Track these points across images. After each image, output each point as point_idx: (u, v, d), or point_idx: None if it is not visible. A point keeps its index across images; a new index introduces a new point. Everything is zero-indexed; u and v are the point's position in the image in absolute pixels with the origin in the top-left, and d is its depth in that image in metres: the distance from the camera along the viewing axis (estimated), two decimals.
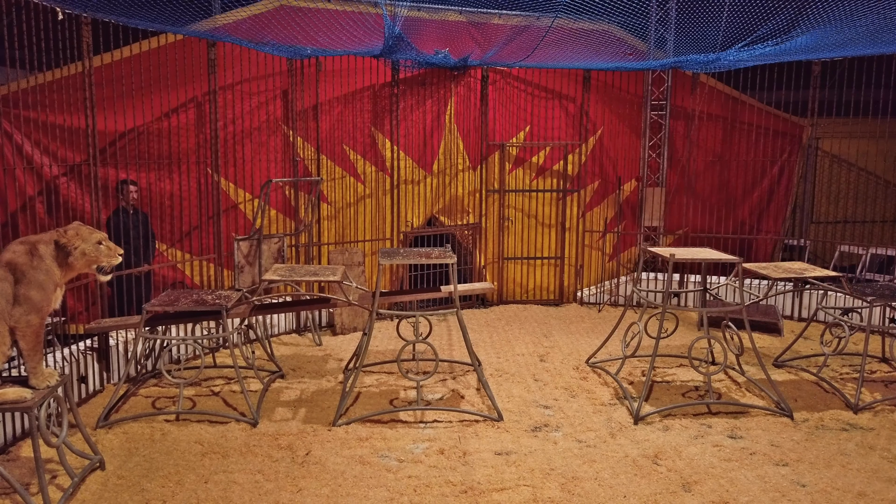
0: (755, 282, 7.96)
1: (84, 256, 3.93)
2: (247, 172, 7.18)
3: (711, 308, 6.37)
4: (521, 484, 4.13)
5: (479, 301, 8.83)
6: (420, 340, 5.18)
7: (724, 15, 6.32)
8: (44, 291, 3.75)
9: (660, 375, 6.11)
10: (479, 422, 5.07)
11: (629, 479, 4.21)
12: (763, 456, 4.53)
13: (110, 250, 4.07)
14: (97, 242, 3.98)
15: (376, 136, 7.97)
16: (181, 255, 6.94)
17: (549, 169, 8.88)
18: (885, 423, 5.10)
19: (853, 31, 6.07)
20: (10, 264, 3.71)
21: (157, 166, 6.65)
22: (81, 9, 5.47)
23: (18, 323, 3.67)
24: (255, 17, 6.82)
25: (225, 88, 6.89)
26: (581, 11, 6.39)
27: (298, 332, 7.59)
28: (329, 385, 5.86)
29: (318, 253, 7.71)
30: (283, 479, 4.16)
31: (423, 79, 8.12)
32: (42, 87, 5.68)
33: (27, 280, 3.71)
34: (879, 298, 5.56)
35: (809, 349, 6.78)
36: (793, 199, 9.24)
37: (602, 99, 8.94)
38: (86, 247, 3.95)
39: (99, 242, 4.00)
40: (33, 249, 3.79)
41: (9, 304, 3.66)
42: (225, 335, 5.13)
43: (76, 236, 3.92)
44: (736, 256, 5.71)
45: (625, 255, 9.44)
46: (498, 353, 6.80)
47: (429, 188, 8.38)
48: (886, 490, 4.08)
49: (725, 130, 9.13)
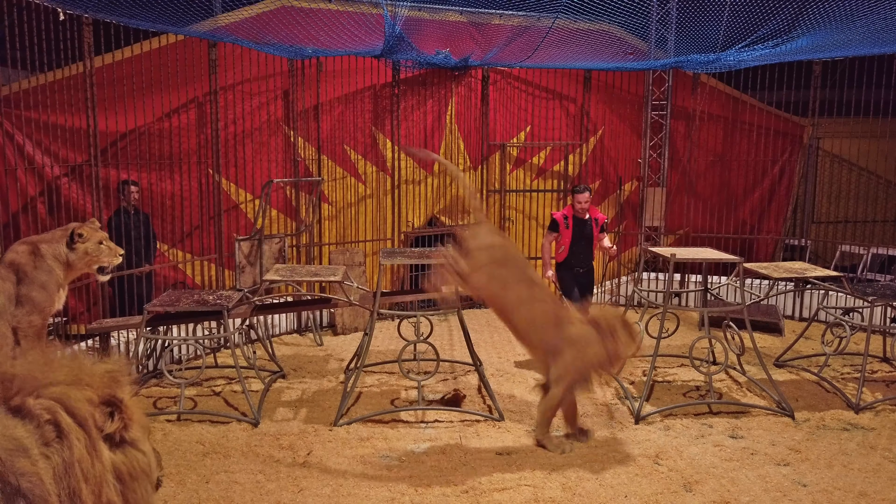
0: (756, 282, 7.96)
1: (86, 255, 3.94)
2: (248, 173, 7.18)
3: (712, 308, 6.37)
4: (522, 484, 4.13)
5: (480, 301, 8.83)
6: (421, 340, 5.18)
7: (725, 15, 6.32)
8: (46, 292, 3.76)
9: (661, 375, 6.12)
10: (480, 422, 5.07)
11: (630, 479, 4.21)
12: (764, 456, 4.53)
13: (111, 250, 4.09)
14: (98, 242, 4.00)
15: (377, 136, 7.98)
16: (182, 255, 6.95)
17: (550, 169, 8.88)
18: (887, 422, 5.10)
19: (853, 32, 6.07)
20: (13, 265, 3.72)
21: (159, 167, 6.65)
22: (83, 9, 5.47)
23: (21, 323, 3.68)
24: (256, 18, 6.83)
25: (226, 89, 6.89)
26: (581, 12, 6.39)
27: (299, 332, 7.59)
28: (330, 385, 5.87)
29: (319, 253, 7.71)
30: (284, 479, 4.16)
31: (424, 79, 8.12)
32: (43, 87, 5.69)
33: (29, 280, 3.72)
34: (880, 298, 5.56)
35: (810, 349, 6.78)
36: (793, 199, 9.24)
37: (603, 99, 8.94)
38: (88, 245, 3.96)
39: (100, 242, 4.01)
40: (35, 250, 3.80)
41: (11, 304, 3.67)
42: (226, 335, 5.13)
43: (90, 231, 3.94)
44: (737, 256, 5.71)
45: (625, 255, 9.43)
46: (499, 354, 6.81)
47: (429, 188, 8.39)
48: (888, 490, 4.08)
49: (726, 130, 9.12)
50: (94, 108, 5.88)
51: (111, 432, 1.64)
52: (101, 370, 1.72)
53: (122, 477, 1.64)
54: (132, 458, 1.68)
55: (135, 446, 1.70)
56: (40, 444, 1.46)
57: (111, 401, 1.67)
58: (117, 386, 1.73)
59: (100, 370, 1.72)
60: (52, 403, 1.51)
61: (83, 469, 1.51)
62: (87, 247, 3.94)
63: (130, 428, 1.70)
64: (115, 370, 1.76)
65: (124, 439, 1.68)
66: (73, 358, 1.73)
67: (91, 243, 3.97)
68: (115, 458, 1.64)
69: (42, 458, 1.45)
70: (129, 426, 1.70)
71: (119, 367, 1.79)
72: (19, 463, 1.39)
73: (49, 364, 1.64)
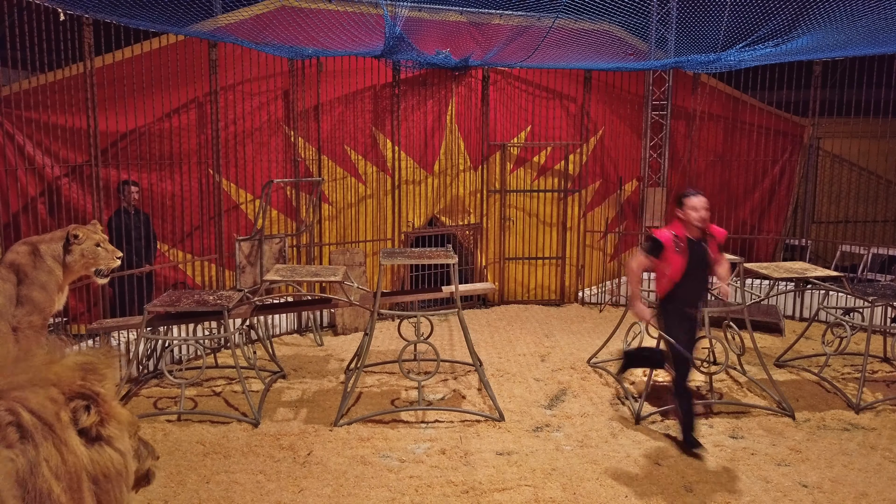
0: (756, 282, 7.95)
1: (82, 257, 3.94)
2: (248, 173, 7.18)
3: (713, 308, 6.37)
4: (522, 484, 4.13)
5: (481, 301, 8.83)
6: (421, 341, 5.18)
7: (725, 15, 6.32)
8: (46, 292, 3.76)
9: (661, 375, 6.11)
10: (480, 422, 5.07)
11: (630, 480, 4.21)
12: (764, 456, 4.53)
13: (108, 253, 4.08)
14: (95, 244, 3.99)
15: (377, 136, 7.98)
16: (182, 255, 6.95)
17: (550, 169, 8.88)
18: (887, 422, 5.09)
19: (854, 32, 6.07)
20: (14, 265, 3.72)
21: (159, 167, 6.65)
22: (83, 10, 5.47)
23: (21, 323, 3.69)
24: (257, 18, 6.83)
25: (226, 89, 6.89)
26: (582, 11, 6.39)
27: (300, 332, 7.59)
28: (330, 385, 5.87)
29: (320, 253, 7.71)
30: (284, 480, 4.16)
31: (424, 79, 8.12)
32: (44, 87, 5.69)
33: (30, 280, 3.72)
34: (881, 298, 5.56)
35: (811, 349, 6.78)
36: (794, 199, 9.23)
37: (603, 99, 8.94)
38: (84, 247, 3.95)
39: (97, 244, 4.00)
40: (35, 250, 3.80)
41: (11, 304, 3.67)
42: (226, 335, 5.14)
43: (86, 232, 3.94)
44: (737, 256, 5.71)
45: (626, 255, 9.43)
46: (499, 354, 6.81)
47: (430, 188, 8.39)
48: (888, 490, 4.08)
49: (726, 130, 9.12)
50: (94, 108, 5.88)
51: (86, 426, 1.56)
52: (73, 363, 1.62)
53: (95, 476, 1.56)
54: (106, 456, 1.60)
55: (110, 444, 1.61)
56: (2, 447, 1.39)
57: (86, 394, 1.58)
58: (95, 378, 1.63)
59: (70, 363, 1.62)
60: (14, 404, 1.44)
61: (52, 467, 1.45)
62: (83, 249, 3.93)
63: (107, 423, 1.62)
64: (92, 362, 1.66)
65: (100, 435, 1.60)
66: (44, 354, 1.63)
67: (87, 245, 3.95)
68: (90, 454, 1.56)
69: (3, 462, 1.38)
70: (105, 421, 1.61)
71: (97, 359, 1.69)
72: None
73: (11, 365, 1.56)
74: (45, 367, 1.58)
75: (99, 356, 1.70)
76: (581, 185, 8.87)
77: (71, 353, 1.67)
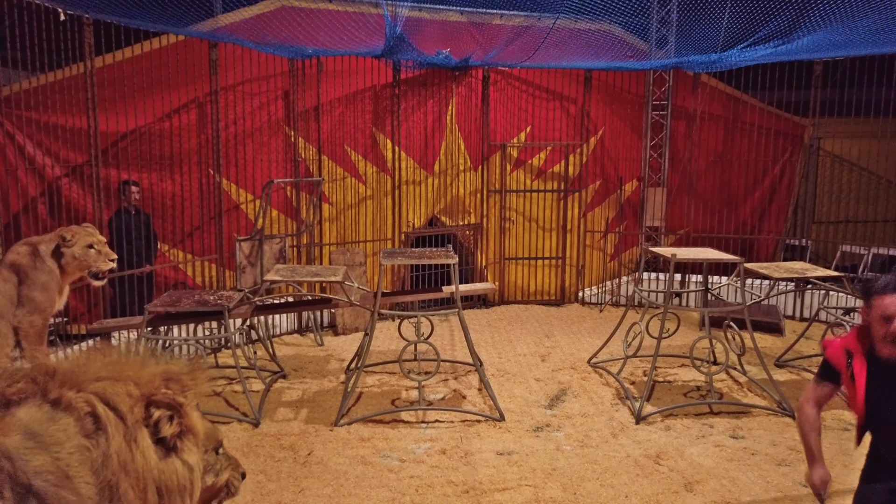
0: (757, 282, 7.95)
1: (74, 260, 3.92)
2: (248, 173, 7.19)
3: (713, 308, 6.37)
4: (522, 484, 4.13)
5: (481, 301, 8.83)
6: (422, 341, 5.18)
7: (726, 16, 6.32)
8: (46, 292, 3.76)
9: (661, 375, 6.11)
10: (480, 422, 5.07)
11: (631, 480, 4.21)
12: (765, 456, 4.53)
13: (100, 255, 4.04)
14: (87, 246, 3.95)
15: (377, 136, 7.98)
16: (183, 255, 6.95)
17: (551, 169, 8.88)
18: None
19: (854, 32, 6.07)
20: (14, 265, 3.72)
21: (159, 167, 6.66)
22: (83, 10, 5.48)
23: (21, 323, 3.69)
24: (257, 18, 6.83)
25: (226, 89, 6.89)
26: (582, 11, 6.39)
27: (300, 332, 7.60)
28: (331, 385, 5.87)
29: (320, 253, 7.72)
30: (285, 480, 4.16)
31: (425, 79, 8.12)
32: (44, 87, 5.70)
33: (30, 281, 3.72)
34: None
35: (811, 349, 6.77)
36: (794, 199, 9.24)
37: (603, 99, 8.94)
38: (74, 250, 3.93)
39: (90, 246, 3.97)
40: (35, 251, 3.80)
41: (12, 304, 3.67)
42: (227, 335, 5.14)
43: (77, 234, 3.93)
44: (737, 256, 5.71)
45: (626, 256, 9.43)
46: (499, 354, 6.81)
47: (430, 189, 8.39)
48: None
49: (727, 130, 9.12)
50: (94, 108, 5.88)
51: (166, 436, 1.57)
52: (156, 370, 1.64)
53: (159, 487, 1.56)
54: (174, 468, 1.59)
55: (180, 456, 1.61)
56: (81, 437, 1.42)
57: (172, 404, 1.59)
58: (177, 388, 1.64)
59: (153, 370, 1.63)
60: (91, 396, 1.48)
61: (121, 460, 1.47)
62: (74, 251, 3.89)
63: (185, 436, 1.62)
64: (176, 372, 1.67)
65: (176, 446, 1.60)
66: (124, 355, 1.66)
67: (78, 247, 3.91)
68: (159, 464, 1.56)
69: (80, 450, 1.41)
70: (184, 434, 1.62)
71: (183, 369, 1.69)
72: (35, 461, 1.35)
73: (94, 361, 1.59)
74: (129, 366, 1.61)
75: (185, 367, 1.71)
76: (581, 186, 8.87)
77: (160, 360, 1.69)
